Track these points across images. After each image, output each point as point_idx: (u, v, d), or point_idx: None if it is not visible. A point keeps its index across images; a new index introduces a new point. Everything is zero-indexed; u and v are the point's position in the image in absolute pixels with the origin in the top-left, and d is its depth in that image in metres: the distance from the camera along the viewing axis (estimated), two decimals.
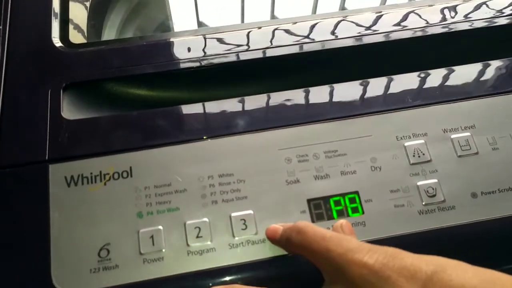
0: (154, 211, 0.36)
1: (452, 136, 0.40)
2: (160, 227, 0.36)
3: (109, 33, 0.56)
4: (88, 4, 0.52)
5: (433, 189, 0.38)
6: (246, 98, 0.42)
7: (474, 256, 0.36)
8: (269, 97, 0.42)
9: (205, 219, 0.36)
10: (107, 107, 0.42)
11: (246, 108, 0.41)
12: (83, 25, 0.50)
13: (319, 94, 0.42)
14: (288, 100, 0.42)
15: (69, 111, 0.41)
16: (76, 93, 0.42)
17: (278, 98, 0.42)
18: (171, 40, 0.46)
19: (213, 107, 0.41)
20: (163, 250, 0.35)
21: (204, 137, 0.39)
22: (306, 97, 0.42)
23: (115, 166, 0.38)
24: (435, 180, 0.38)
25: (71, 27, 0.47)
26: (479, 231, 0.37)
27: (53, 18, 0.46)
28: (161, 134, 0.39)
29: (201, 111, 0.41)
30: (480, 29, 0.47)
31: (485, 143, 0.40)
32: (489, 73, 0.44)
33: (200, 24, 0.73)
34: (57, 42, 0.45)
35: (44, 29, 0.45)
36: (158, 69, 0.43)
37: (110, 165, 0.38)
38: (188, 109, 0.41)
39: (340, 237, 0.31)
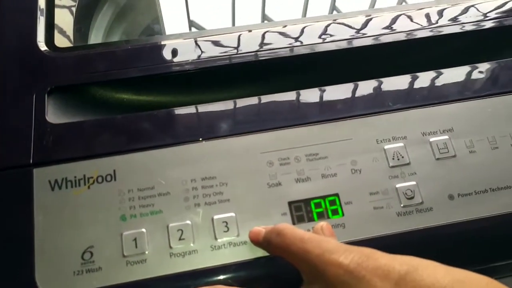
0: (137, 214, 0.37)
1: (431, 139, 0.41)
2: (143, 229, 0.36)
3: (95, 37, 0.56)
4: (74, 8, 0.52)
5: (411, 191, 0.39)
6: (229, 102, 0.42)
7: (450, 257, 0.37)
8: (251, 101, 0.43)
9: (188, 222, 0.37)
10: (92, 111, 0.43)
11: (228, 112, 0.42)
12: (69, 30, 0.50)
13: (301, 98, 0.43)
14: (270, 103, 0.43)
15: (54, 115, 0.41)
16: (61, 97, 0.43)
17: (260, 101, 0.43)
18: (157, 44, 0.47)
19: (196, 111, 0.42)
20: (146, 252, 0.36)
21: (187, 141, 0.40)
22: (287, 101, 0.43)
23: (99, 170, 0.38)
24: (414, 183, 0.39)
25: (56, 31, 0.47)
26: (455, 232, 0.38)
27: (38, 22, 0.46)
28: (145, 137, 0.40)
29: (185, 115, 0.42)
30: (459, 34, 0.48)
31: (462, 146, 0.41)
32: (468, 77, 0.45)
33: (191, 23, 0.73)
34: (43, 46, 0.45)
35: (29, 33, 0.46)
36: (143, 73, 0.44)
37: (94, 169, 0.38)
38: (172, 113, 0.42)
39: (318, 238, 0.32)
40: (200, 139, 0.40)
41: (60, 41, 0.48)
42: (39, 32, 0.46)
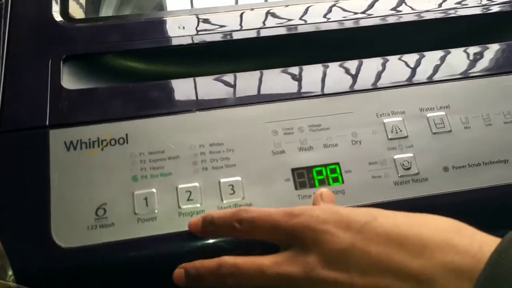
0: (148, 175, 0.39)
1: (428, 115, 0.43)
2: (154, 190, 0.38)
3: (106, 11, 0.58)
4: None
5: (408, 162, 0.41)
6: (237, 74, 0.44)
7: None
8: (258, 74, 0.44)
9: (196, 184, 0.39)
10: (105, 79, 0.45)
11: (236, 84, 0.44)
12: (82, 1, 0.52)
13: (306, 73, 0.45)
14: (276, 77, 0.44)
15: (69, 81, 0.43)
16: (75, 64, 0.44)
17: (266, 75, 0.44)
18: (167, 18, 0.49)
19: (205, 81, 0.44)
20: (156, 211, 0.37)
21: (196, 109, 0.42)
22: (293, 75, 0.45)
23: (112, 133, 0.40)
24: (411, 154, 0.41)
25: (70, 3, 0.49)
26: (449, 201, 0.40)
27: None
28: (156, 105, 0.42)
29: (194, 85, 0.44)
30: (459, 17, 0.50)
31: (458, 122, 0.43)
32: (464, 58, 0.47)
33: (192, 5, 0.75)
34: (58, 17, 0.47)
35: (45, 4, 0.47)
36: (154, 44, 0.46)
37: (107, 132, 0.40)
38: (181, 83, 0.44)
39: (282, 209, 0.34)
40: (208, 107, 0.42)
41: (74, 12, 0.49)
42: (54, 3, 0.48)
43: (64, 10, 0.48)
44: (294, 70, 0.45)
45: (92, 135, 0.40)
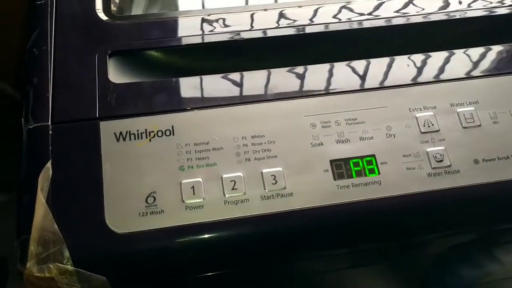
0: (194, 165, 0.41)
1: (458, 110, 0.45)
2: (200, 179, 0.40)
3: (136, 10, 0.60)
4: None
5: (440, 155, 0.42)
6: (275, 70, 0.46)
7: (474, 214, 0.42)
8: (296, 70, 0.46)
9: (240, 174, 0.41)
10: (148, 73, 0.46)
11: (276, 79, 0.46)
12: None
13: (341, 69, 0.47)
14: (313, 73, 0.46)
15: (115, 76, 0.45)
16: (120, 60, 0.46)
17: (304, 71, 0.46)
18: (206, 15, 0.50)
19: (246, 77, 0.46)
20: (203, 199, 0.39)
21: (239, 103, 0.44)
22: (330, 71, 0.47)
23: (158, 125, 0.42)
24: (443, 147, 0.43)
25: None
26: (480, 192, 0.42)
27: None
28: (199, 98, 0.44)
29: (235, 80, 0.45)
30: (485, 17, 0.52)
31: (487, 117, 0.45)
32: (492, 56, 0.49)
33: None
34: (101, 14, 0.49)
35: (88, 2, 0.49)
36: (194, 41, 0.48)
37: (154, 124, 0.42)
38: (223, 78, 0.46)
39: None
40: (249, 101, 0.44)
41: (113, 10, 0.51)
42: (97, 1, 0.49)
43: (107, 8, 0.50)
44: (330, 67, 0.47)
45: (140, 127, 0.42)
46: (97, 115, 0.42)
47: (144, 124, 0.42)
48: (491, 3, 0.52)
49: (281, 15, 0.50)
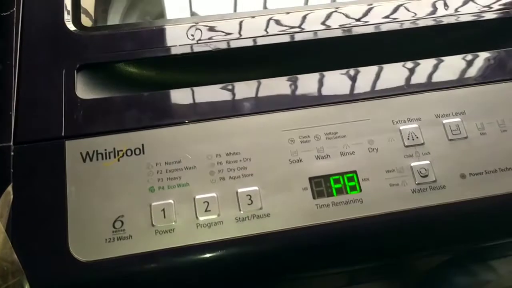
0: (165, 186, 0.38)
1: (444, 121, 0.43)
2: (171, 201, 0.38)
3: (113, 18, 0.58)
4: None
5: (425, 169, 0.40)
6: (252, 82, 0.44)
7: (461, 232, 0.40)
8: (273, 82, 0.44)
9: (213, 194, 0.38)
10: (119, 88, 0.44)
11: (251, 92, 0.43)
12: (91, 10, 0.51)
13: (320, 80, 0.45)
14: (291, 84, 0.44)
15: (83, 91, 0.43)
16: (89, 74, 0.44)
17: (282, 83, 0.44)
18: (179, 25, 0.48)
19: (221, 89, 0.43)
20: (174, 223, 0.37)
21: (212, 118, 0.41)
22: (308, 83, 0.44)
23: (128, 144, 0.40)
24: (428, 162, 0.41)
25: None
26: (467, 209, 0.40)
27: (65, 1, 0.48)
28: (171, 114, 0.42)
29: (209, 93, 0.43)
30: (470, 23, 0.50)
31: (474, 128, 0.42)
32: (479, 63, 0.47)
33: (193, 14, 0.74)
34: (70, 25, 0.46)
35: (57, 12, 0.47)
36: (166, 53, 0.45)
37: (123, 142, 0.40)
38: (196, 91, 0.43)
39: None
40: (224, 116, 0.41)
41: (84, 21, 0.49)
42: (66, 12, 0.47)
43: (76, 19, 0.47)
44: (309, 77, 0.45)
45: (108, 146, 0.40)
46: (63, 134, 0.40)
47: (113, 142, 0.40)
48: (478, 8, 0.50)
49: (260, 24, 0.48)
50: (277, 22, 0.48)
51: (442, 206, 0.39)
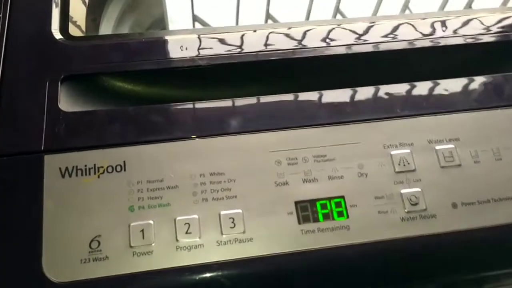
0: (145, 205, 0.37)
1: (437, 147, 0.41)
2: (151, 221, 0.37)
3: (105, 28, 0.57)
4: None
5: (416, 197, 0.39)
6: (240, 100, 0.43)
7: (451, 264, 0.38)
8: (261, 100, 0.43)
9: (195, 216, 0.37)
10: (104, 101, 0.43)
11: (239, 110, 0.42)
12: (82, 19, 0.50)
13: (310, 100, 0.43)
14: (280, 104, 0.43)
15: (66, 103, 0.41)
16: (74, 85, 0.43)
17: (270, 101, 0.43)
18: (169, 38, 0.47)
19: (207, 106, 0.42)
20: (153, 244, 0.36)
21: (197, 136, 0.40)
22: (298, 102, 0.43)
23: (109, 160, 0.38)
24: (418, 189, 0.39)
25: (70, 21, 0.47)
26: (458, 240, 0.38)
27: (53, 9, 0.47)
28: (156, 130, 0.40)
29: (195, 110, 0.42)
30: (468, 45, 0.48)
31: (467, 155, 0.41)
32: (476, 88, 0.45)
33: (195, 17, 0.74)
34: (57, 34, 0.45)
35: (44, 20, 0.46)
36: (155, 66, 0.44)
37: (105, 159, 0.39)
38: (183, 107, 0.42)
39: None
40: (210, 134, 0.40)
41: (72, 30, 0.48)
42: (53, 20, 0.46)
43: (64, 28, 0.46)
44: (299, 96, 0.43)
45: (88, 162, 0.38)
46: (42, 148, 0.38)
47: (94, 158, 0.38)
48: (477, 30, 0.49)
49: (253, 39, 0.47)
50: (268, 38, 0.47)
51: (432, 236, 0.38)
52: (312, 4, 0.73)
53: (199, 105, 0.42)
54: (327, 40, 0.47)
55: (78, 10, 0.51)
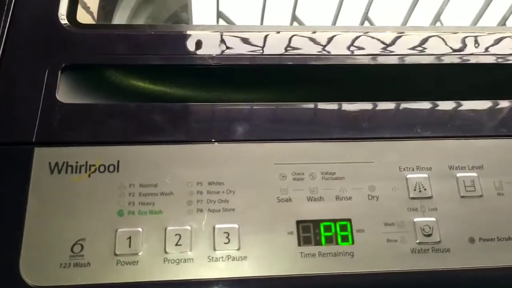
0: (135, 211, 0.35)
1: (458, 175, 0.38)
2: (140, 229, 0.34)
3: (120, 18, 0.54)
4: None
5: (430, 227, 0.36)
6: (248, 105, 0.40)
7: None
8: (272, 107, 0.40)
9: (187, 227, 0.34)
10: (105, 95, 0.41)
11: (247, 115, 0.39)
12: (94, 6, 0.48)
13: (325, 111, 0.40)
14: (293, 112, 0.40)
15: (65, 94, 0.39)
16: (74, 75, 0.40)
17: (281, 109, 0.40)
18: (181, 33, 0.45)
19: (215, 110, 0.39)
20: (139, 254, 0.33)
21: (200, 140, 0.37)
22: (312, 112, 0.40)
23: (102, 158, 0.36)
24: (433, 219, 0.36)
25: (80, 6, 0.45)
26: (472, 278, 0.35)
27: None
28: (156, 130, 0.38)
29: (201, 112, 0.39)
30: (500, 65, 0.45)
31: (490, 186, 0.38)
32: (505, 113, 0.42)
33: (219, 14, 0.71)
34: (63, 20, 0.43)
35: (51, 3, 0.43)
36: (163, 61, 0.42)
37: (98, 157, 0.36)
38: (187, 108, 0.40)
39: None
40: (213, 140, 0.37)
41: (83, 17, 0.45)
42: (61, 4, 0.44)
43: (72, 13, 0.44)
44: (313, 106, 0.40)
45: (80, 158, 0.36)
46: (33, 140, 0.36)
47: (86, 155, 0.36)
48: (510, 50, 0.45)
49: (273, 41, 0.44)
50: (290, 42, 0.44)
51: (445, 272, 0.35)
52: (340, 9, 0.70)
53: (205, 107, 0.39)
54: (351, 48, 0.44)
55: None
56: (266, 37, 0.44)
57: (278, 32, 0.45)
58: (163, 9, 0.58)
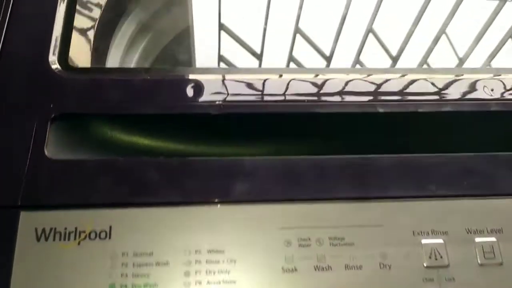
0: (129, 284, 0.32)
1: (476, 240, 0.35)
2: None
3: (113, 55, 0.51)
4: (95, 23, 0.47)
5: None
6: (251, 160, 0.37)
7: None
8: (277, 161, 0.37)
9: None
10: (97, 148, 0.38)
11: (249, 172, 0.37)
12: (87, 48, 0.45)
13: (332, 166, 0.38)
14: (297, 167, 0.37)
15: (54, 148, 0.36)
16: (65, 126, 0.38)
17: (286, 163, 0.37)
18: (179, 77, 0.42)
19: (212, 166, 0.37)
20: None
21: (198, 202, 0.35)
22: (317, 167, 0.37)
23: (93, 224, 0.33)
24: None
25: (72, 49, 0.42)
26: None
27: (53, 35, 0.42)
28: (151, 190, 0.35)
29: (200, 168, 0.37)
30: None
31: (511, 253, 0.35)
32: None
33: (220, 58, 0.67)
34: (54, 64, 0.40)
35: (41, 46, 0.41)
36: (159, 110, 0.39)
37: (88, 222, 0.33)
38: (183, 163, 0.37)
39: None
40: (216, 201, 0.35)
41: (77, 58, 0.43)
42: (52, 46, 0.41)
43: (63, 56, 0.41)
44: (319, 160, 0.38)
45: (69, 224, 0.33)
46: (19, 203, 0.34)
47: (76, 220, 0.33)
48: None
49: (272, 86, 0.41)
50: (280, 87, 0.41)
51: None
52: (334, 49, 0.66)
53: (203, 163, 0.37)
54: (366, 95, 0.41)
55: (82, 39, 0.46)
56: (267, 81, 0.42)
57: (286, 79, 0.42)
58: (156, 43, 0.55)
